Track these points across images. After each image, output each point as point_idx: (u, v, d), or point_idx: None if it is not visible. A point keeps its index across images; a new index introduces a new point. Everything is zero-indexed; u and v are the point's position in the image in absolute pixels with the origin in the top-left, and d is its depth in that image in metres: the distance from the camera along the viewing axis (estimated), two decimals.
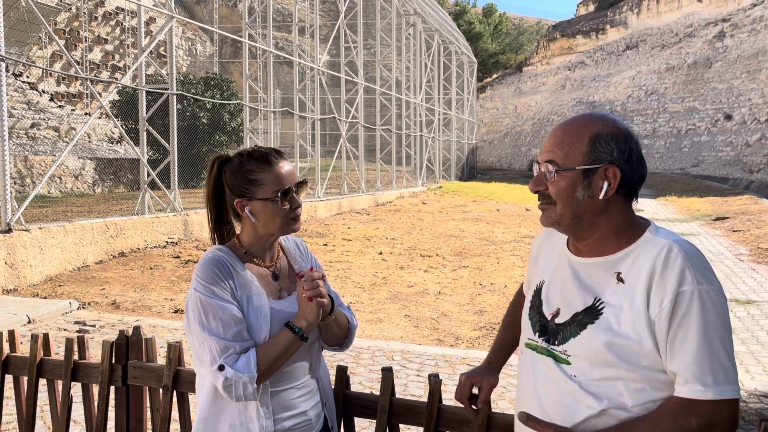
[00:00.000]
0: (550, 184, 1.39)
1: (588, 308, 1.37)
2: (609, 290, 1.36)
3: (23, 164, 15.39)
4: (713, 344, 1.26)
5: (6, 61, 8.15)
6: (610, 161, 1.36)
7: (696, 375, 1.25)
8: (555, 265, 1.51)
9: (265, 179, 1.65)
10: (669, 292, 1.27)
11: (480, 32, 56.06)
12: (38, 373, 2.37)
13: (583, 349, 1.35)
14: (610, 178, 1.37)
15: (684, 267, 1.28)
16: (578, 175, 1.37)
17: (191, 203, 12.93)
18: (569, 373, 1.37)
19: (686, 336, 1.26)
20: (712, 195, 24.09)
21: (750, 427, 4.04)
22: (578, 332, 1.37)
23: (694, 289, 1.27)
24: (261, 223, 1.68)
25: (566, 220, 1.40)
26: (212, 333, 1.56)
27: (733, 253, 11.27)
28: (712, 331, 1.26)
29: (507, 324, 1.81)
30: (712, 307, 1.27)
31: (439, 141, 30.44)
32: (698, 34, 41.90)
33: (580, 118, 1.43)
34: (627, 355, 1.30)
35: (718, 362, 1.26)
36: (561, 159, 1.38)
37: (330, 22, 31.00)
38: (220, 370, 1.54)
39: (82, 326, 6.32)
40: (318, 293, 1.62)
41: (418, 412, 1.93)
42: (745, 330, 6.50)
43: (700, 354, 1.25)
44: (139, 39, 11.40)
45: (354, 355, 5.41)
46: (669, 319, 1.27)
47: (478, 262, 10.21)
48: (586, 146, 1.37)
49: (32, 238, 8.21)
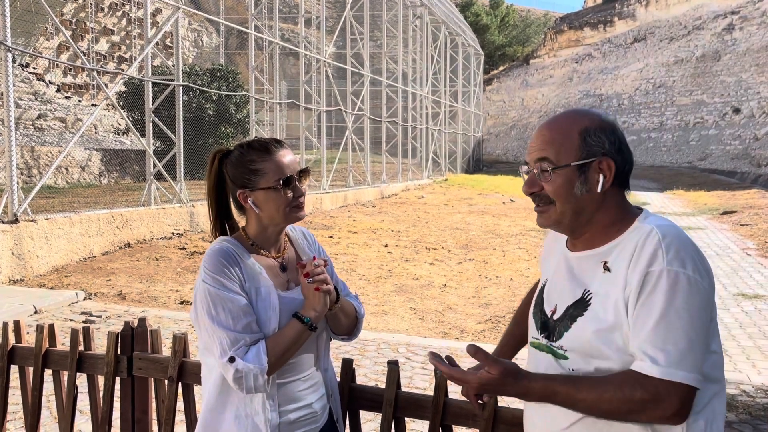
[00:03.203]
0: (546, 183, 1.38)
1: (577, 301, 1.37)
2: (596, 281, 1.36)
3: (30, 155, 15.44)
4: (672, 325, 1.24)
5: (13, 51, 8.15)
6: (603, 154, 1.36)
7: (647, 351, 1.24)
8: (556, 263, 1.51)
9: (266, 168, 1.64)
10: (639, 271, 1.27)
11: (487, 24, 55.72)
12: (44, 363, 2.37)
13: (576, 342, 1.35)
14: (605, 170, 1.37)
15: (657, 248, 1.27)
16: (574, 171, 1.36)
17: (197, 195, 12.94)
18: (568, 368, 1.37)
19: (647, 314, 1.25)
20: (719, 189, 23.95)
21: (758, 422, 4.02)
22: (570, 326, 1.37)
23: (663, 270, 1.25)
24: (265, 213, 1.67)
25: (567, 218, 1.39)
26: (222, 325, 1.55)
27: (741, 247, 11.21)
28: (674, 312, 1.24)
29: (516, 320, 1.80)
30: (682, 291, 1.24)
31: (445, 133, 30.36)
32: (707, 26, 41.55)
33: (564, 115, 1.43)
34: (614, 341, 1.29)
35: (673, 343, 1.23)
36: (554, 156, 1.37)
37: (336, 13, 30.89)
38: (231, 362, 1.52)
39: (89, 317, 6.35)
40: (322, 281, 1.61)
41: (423, 406, 1.92)
42: (752, 324, 6.47)
43: (655, 332, 1.24)
44: (146, 30, 11.38)
45: (359, 348, 5.41)
46: (636, 298, 1.27)
47: (483, 255, 10.18)
48: (577, 141, 1.37)
49: (39, 228, 8.24)
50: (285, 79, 29.88)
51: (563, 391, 1.29)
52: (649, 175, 32.76)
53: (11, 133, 7.89)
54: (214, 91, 16.73)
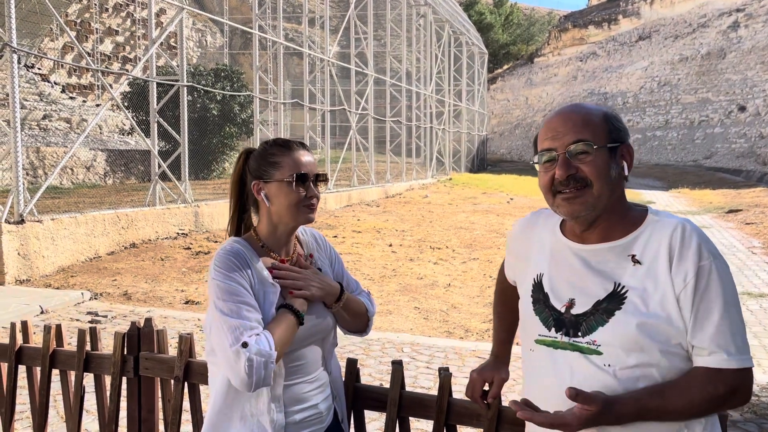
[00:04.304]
0: (584, 165, 1.37)
1: (610, 295, 1.36)
2: (626, 274, 1.36)
3: (35, 155, 15.50)
4: (733, 316, 1.31)
5: (18, 52, 8.19)
6: (626, 139, 1.42)
7: (720, 345, 1.29)
8: (551, 256, 1.48)
9: (283, 162, 1.67)
10: (691, 267, 1.31)
11: (491, 23, 55.67)
12: (51, 363, 2.38)
13: (615, 336, 1.34)
14: (626, 156, 1.41)
15: (700, 242, 1.33)
16: (609, 154, 1.39)
17: (202, 195, 12.98)
18: (601, 363, 1.35)
19: (709, 308, 1.30)
20: (725, 187, 23.88)
21: (762, 421, 4.02)
22: (606, 320, 1.35)
23: (711, 264, 1.31)
24: (275, 207, 1.67)
25: (603, 201, 1.38)
26: (234, 315, 1.54)
27: (746, 245, 11.17)
28: (730, 303, 1.31)
29: (500, 314, 1.79)
30: (728, 281, 1.32)
31: (449, 133, 30.34)
32: (712, 24, 41.40)
33: (579, 105, 1.44)
34: (658, 334, 1.31)
35: (738, 333, 1.31)
36: (592, 138, 1.37)
37: (340, 13, 30.89)
38: (244, 347, 1.49)
39: (95, 317, 6.38)
40: (294, 285, 1.64)
41: (428, 406, 1.92)
42: (757, 323, 6.46)
43: (722, 325, 1.30)
44: (150, 30, 11.41)
45: (364, 347, 5.43)
46: (693, 293, 1.31)
47: (488, 254, 10.18)
48: (605, 125, 1.39)
49: (44, 229, 8.28)
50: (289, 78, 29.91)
51: (654, 407, 1.30)
52: (654, 174, 32.67)
53: (17, 134, 7.93)
54: (218, 92, 16.76)
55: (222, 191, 14.64)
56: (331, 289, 1.72)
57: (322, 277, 1.73)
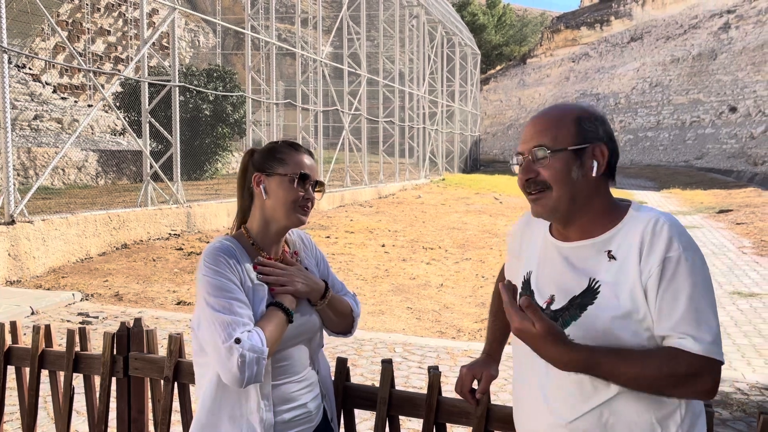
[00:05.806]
0: (544, 168, 1.40)
1: (585, 290, 1.38)
2: (602, 269, 1.38)
3: (26, 156, 15.41)
4: (701, 305, 1.30)
5: (9, 52, 8.15)
6: (597, 140, 1.41)
7: (686, 331, 1.29)
8: (540, 254, 1.51)
9: (288, 159, 1.70)
10: (657, 258, 1.32)
11: (484, 24, 55.74)
12: (40, 364, 2.38)
13: (587, 330, 1.35)
14: (598, 156, 1.41)
15: (671, 235, 1.33)
16: (570, 156, 1.39)
17: (194, 195, 12.95)
18: None
19: (675, 297, 1.30)
20: (715, 187, 24.01)
21: (752, 420, 4.05)
22: (579, 314, 1.37)
23: (680, 255, 1.31)
24: (271, 201, 1.68)
25: (564, 204, 1.40)
26: (225, 311, 1.53)
27: (737, 245, 11.24)
28: (699, 293, 1.30)
29: (496, 314, 1.81)
30: (699, 273, 1.32)
31: (442, 133, 30.37)
32: (703, 25, 41.62)
33: (555, 107, 1.47)
34: (628, 327, 1.32)
35: (706, 322, 1.30)
36: (550, 142, 1.40)
37: (333, 13, 30.88)
38: (237, 343, 1.48)
39: (86, 317, 6.35)
40: (279, 281, 1.65)
41: (417, 404, 1.93)
42: (747, 323, 6.49)
43: (689, 312, 1.29)
44: (142, 30, 11.38)
45: (356, 347, 5.43)
46: (658, 283, 1.31)
47: (480, 255, 10.20)
48: (573, 128, 1.40)
49: (35, 229, 8.24)
50: (282, 79, 29.87)
51: (607, 362, 1.29)
52: (646, 174, 32.82)
53: (7, 135, 7.89)
54: (210, 92, 16.71)
55: (214, 192, 14.61)
56: (315, 285, 1.72)
57: (307, 273, 1.73)
